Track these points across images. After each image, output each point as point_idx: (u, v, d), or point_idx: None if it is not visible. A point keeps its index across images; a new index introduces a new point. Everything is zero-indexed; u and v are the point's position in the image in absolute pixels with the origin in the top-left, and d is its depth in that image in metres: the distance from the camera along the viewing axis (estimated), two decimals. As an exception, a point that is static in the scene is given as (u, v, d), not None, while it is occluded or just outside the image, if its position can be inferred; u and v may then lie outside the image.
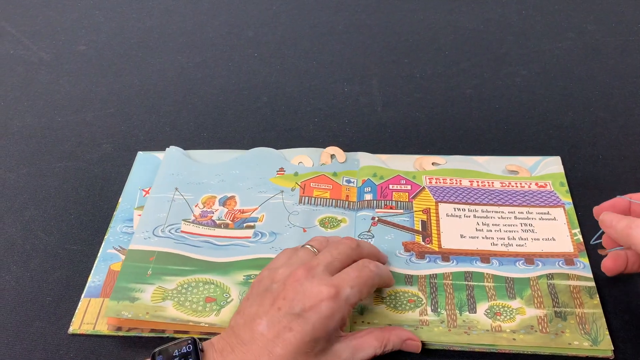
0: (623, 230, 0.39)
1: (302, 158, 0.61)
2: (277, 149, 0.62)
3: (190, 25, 0.84)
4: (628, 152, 0.61)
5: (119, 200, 0.58)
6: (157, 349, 0.40)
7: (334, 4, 0.87)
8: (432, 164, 0.60)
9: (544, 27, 0.81)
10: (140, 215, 0.56)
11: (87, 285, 0.51)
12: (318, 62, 0.76)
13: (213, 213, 0.56)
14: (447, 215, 0.54)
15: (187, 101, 0.71)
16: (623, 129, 0.64)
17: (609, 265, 0.44)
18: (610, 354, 0.44)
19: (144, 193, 0.58)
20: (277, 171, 0.59)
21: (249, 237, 0.54)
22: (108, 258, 0.53)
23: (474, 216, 0.54)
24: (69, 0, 0.90)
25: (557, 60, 0.75)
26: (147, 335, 0.47)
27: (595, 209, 0.44)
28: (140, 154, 0.63)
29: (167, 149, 0.62)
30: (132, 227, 0.55)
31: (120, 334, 0.47)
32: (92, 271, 0.52)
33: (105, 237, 0.55)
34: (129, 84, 0.74)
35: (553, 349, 0.45)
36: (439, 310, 0.47)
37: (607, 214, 0.42)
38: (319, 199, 0.57)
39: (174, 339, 0.45)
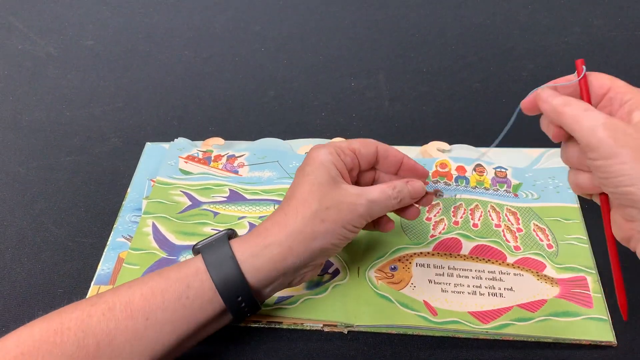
0: (557, 106, 0.37)
1: (308, 148, 0.61)
2: (284, 141, 0.63)
3: (197, 20, 0.84)
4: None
5: (128, 190, 0.58)
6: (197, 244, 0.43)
7: (340, -2, 0.88)
8: (437, 149, 0.60)
9: (550, 21, 0.81)
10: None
11: (97, 272, 0.51)
12: (325, 56, 0.77)
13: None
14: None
15: (194, 95, 0.71)
16: (629, 123, 0.64)
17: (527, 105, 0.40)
18: (613, 341, 0.45)
19: (152, 183, 0.59)
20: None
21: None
22: (117, 246, 0.53)
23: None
24: (76, -5, 0.90)
25: (563, 54, 0.75)
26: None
27: (524, 102, 0.40)
28: (148, 144, 0.63)
29: (175, 139, 0.63)
30: (140, 216, 0.56)
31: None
32: (102, 259, 0.52)
33: (115, 226, 0.55)
34: (137, 79, 0.74)
35: (556, 335, 0.45)
36: None
37: (546, 90, 0.38)
38: None
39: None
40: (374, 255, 0.51)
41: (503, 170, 0.58)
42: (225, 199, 0.56)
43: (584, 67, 0.39)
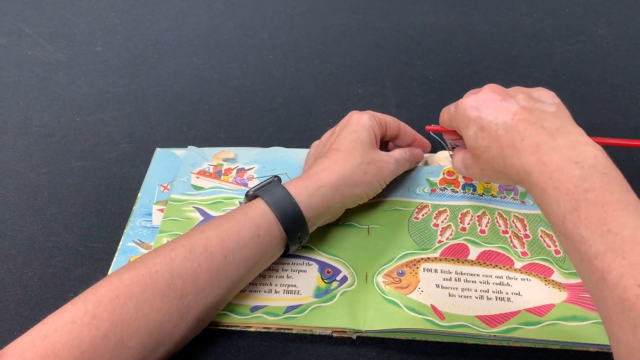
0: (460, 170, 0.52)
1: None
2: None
3: (205, 27, 0.85)
4: (640, 153, 0.62)
5: (138, 195, 0.59)
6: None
7: (347, 6, 0.88)
8: (444, 157, 0.61)
9: (555, 29, 0.82)
10: (160, 210, 0.57)
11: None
12: (332, 63, 0.77)
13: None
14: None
15: (203, 102, 0.72)
16: (635, 131, 0.65)
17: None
18: None
19: (162, 188, 0.59)
20: None
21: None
22: (128, 251, 0.54)
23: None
24: (85, 2, 0.91)
25: (569, 62, 0.76)
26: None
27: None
28: (158, 150, 0.64)
29: (188, 147, 0.63)
30: (151, 221, 0.56)
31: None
32: (112, 263, 0.53)
33: (125, 230, 0.56)
34: (146, 85, 0.75)
35: (564, 339, 0.45)
36: None
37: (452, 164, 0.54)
38: None
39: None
40: (382, 261, 0.51)
41: (510, 177, 0.58)
42: None
43: (430, 133, 0.55)
